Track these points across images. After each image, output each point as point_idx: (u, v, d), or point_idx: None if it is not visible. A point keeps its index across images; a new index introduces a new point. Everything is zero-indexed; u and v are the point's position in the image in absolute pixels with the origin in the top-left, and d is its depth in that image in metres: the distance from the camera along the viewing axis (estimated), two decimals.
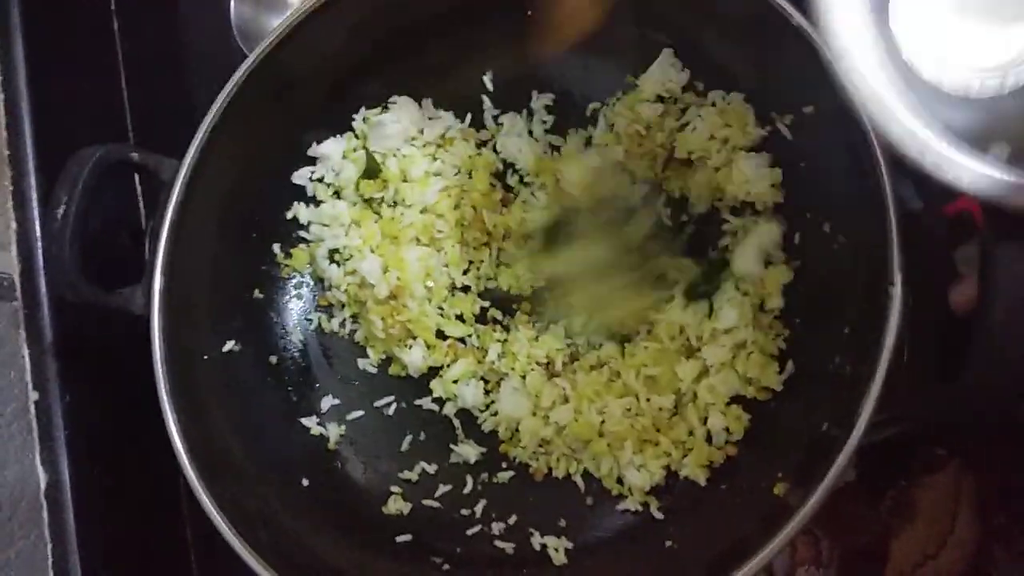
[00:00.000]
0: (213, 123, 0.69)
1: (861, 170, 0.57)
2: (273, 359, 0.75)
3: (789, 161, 0.67)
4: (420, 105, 0.76)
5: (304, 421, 0.74)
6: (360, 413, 0.75)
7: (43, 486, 0.70)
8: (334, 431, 0.74)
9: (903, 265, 0.54)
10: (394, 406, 0.75)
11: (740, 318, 0.66)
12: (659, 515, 0.66)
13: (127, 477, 0.75)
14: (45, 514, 0.69)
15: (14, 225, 0.73)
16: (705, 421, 0.66)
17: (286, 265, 0.76)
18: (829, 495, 0.54)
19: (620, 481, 0.68)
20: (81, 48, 0.86)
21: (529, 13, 0.71)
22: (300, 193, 0.77)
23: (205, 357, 0.71)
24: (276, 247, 0.77)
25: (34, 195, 0.74)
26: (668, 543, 0.64)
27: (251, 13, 0.86)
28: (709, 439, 0.66)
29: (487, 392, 0.73)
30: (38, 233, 0.73)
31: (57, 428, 0.71)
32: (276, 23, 0.71)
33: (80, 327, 0.75)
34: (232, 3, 0.86)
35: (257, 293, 0.75)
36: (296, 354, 0.76)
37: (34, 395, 0.71)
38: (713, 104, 0.69)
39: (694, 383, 0.66)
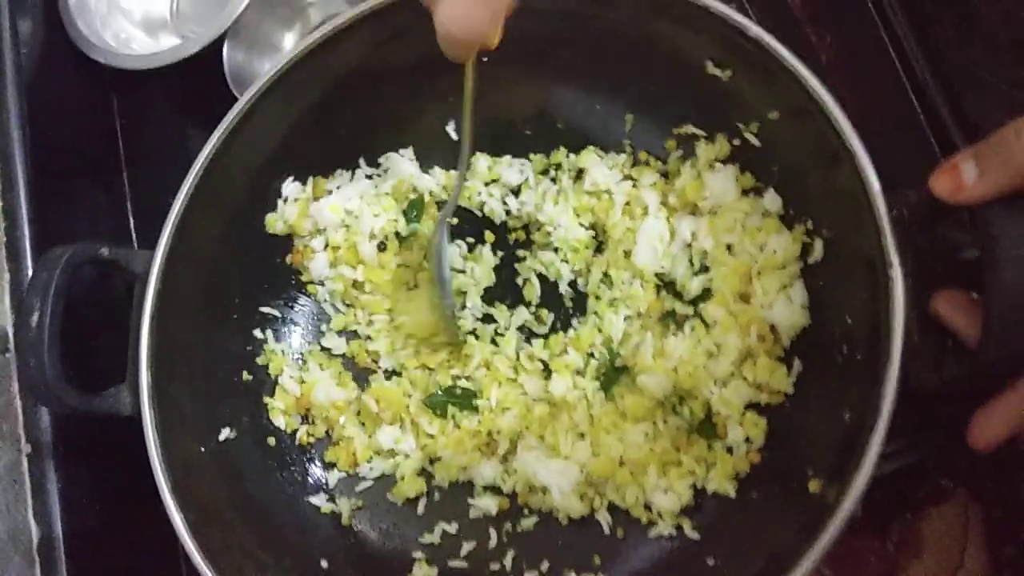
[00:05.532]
0: (182, 209, 0.68)
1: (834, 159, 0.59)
2: (271, 440, 0.72)
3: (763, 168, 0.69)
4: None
5: (313, 500, 0.71)
6: (370, 483, 0.73)
7: (36, 541, 0.68)
8: (346, 505, 0.71)
9: (899, 247, 0.55)
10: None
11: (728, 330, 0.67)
12: (694, 535, 0.65)
13: (121, 533, 0.73)
14: (38, 570, 0.67)
15: (7, 276, 0.73)
16: (724, 434, 0.66)
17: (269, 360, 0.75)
18: (865, 490, 0.53)
19: (648, 507, 0.67)
20: (76, 91, 0.87)
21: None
22: (271, 277, 0.76)
23: (202, 449, 0.68)
24: (257, 332, 0.75)
25: (27, 245, 0.74)
26: (710, 561, 0.62)
27: (244, 58, 0.87)
28: (730, 450, 0.66)
29: (503, 460, 0.71)
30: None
31: (50, 481, 0.69)
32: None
33: None
34: (224, 49, 0.85)
35: (246, 375, 0.73)
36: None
37: (27, 447, 0.69)
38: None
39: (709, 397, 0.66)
